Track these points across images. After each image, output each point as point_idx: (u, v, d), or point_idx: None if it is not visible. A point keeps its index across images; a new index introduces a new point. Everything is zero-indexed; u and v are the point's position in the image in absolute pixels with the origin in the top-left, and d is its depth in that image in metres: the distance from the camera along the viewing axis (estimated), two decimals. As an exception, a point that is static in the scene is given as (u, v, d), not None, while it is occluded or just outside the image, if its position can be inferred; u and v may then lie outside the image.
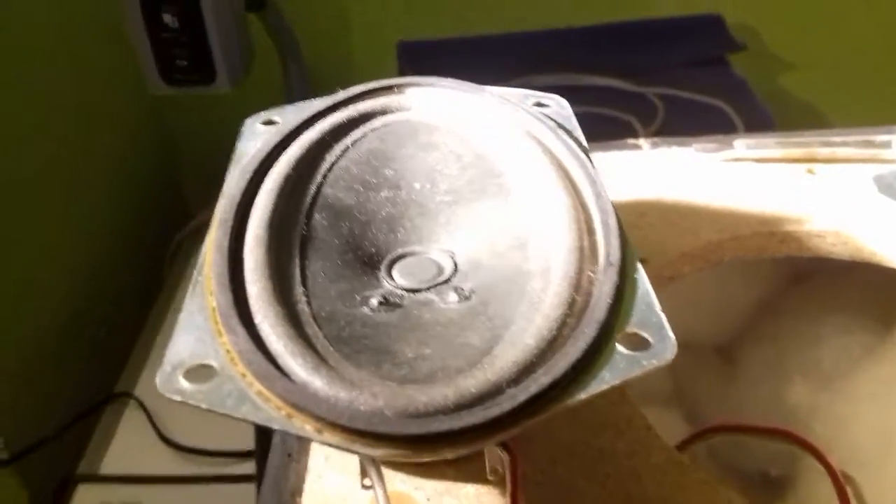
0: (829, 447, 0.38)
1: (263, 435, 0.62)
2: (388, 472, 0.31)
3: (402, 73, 1.06)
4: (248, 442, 0.75)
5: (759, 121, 0.98)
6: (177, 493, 0.76)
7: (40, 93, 0.88)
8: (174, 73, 0.77)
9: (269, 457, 0.32)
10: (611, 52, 1.13)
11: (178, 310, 0.84)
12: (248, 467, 0.77)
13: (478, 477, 0.30)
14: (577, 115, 0.37)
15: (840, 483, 0.33)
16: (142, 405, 0.83)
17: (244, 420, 0.21)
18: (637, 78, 1.07)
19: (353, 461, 0.32)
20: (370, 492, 0.30)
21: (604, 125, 0.99)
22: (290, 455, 0.32)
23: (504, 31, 1.14)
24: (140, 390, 0.86)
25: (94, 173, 1.01)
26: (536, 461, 0.32)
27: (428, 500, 0.30)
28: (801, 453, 0.39)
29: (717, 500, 0.30)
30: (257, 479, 0.74)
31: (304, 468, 0.32)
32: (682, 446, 0.37)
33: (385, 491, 0.26)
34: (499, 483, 0.30)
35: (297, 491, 0.31)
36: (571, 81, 1.08)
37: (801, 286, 0.51)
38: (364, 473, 0.29)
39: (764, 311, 0.51)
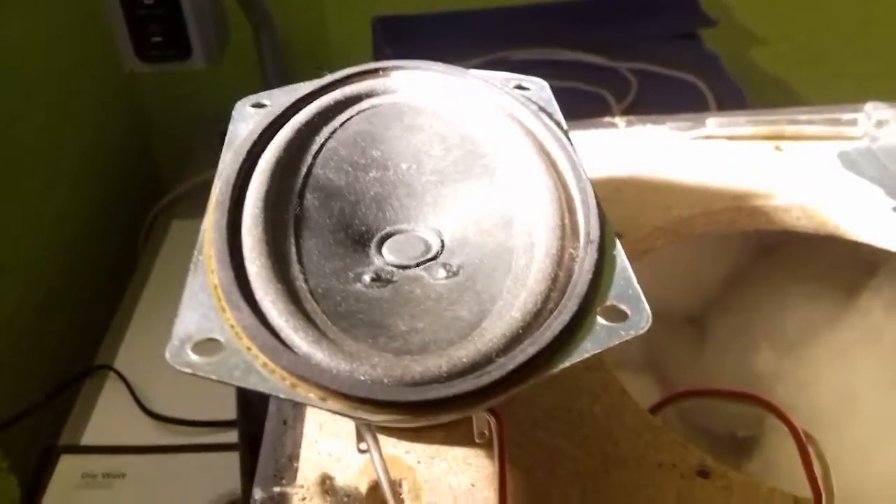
0: (791, 409, 0.40)
1: (245, 404, 0.64)
2: (380, 437, 0.33)
3: (378, 48, 1.07)
4: (229, 411, 0.76)
5: (730, 95, 0.99)
6: (159, 462, 0.76)
7: (13, 71, 0.87)
8: (149, 49, 0.76)
9: (265, 425, 0.34)
10: (586, 27, 1.14)
11: (154, 283, 0.84)
12: (230, 436, 0.77)
13: (466, 440, 0.32)
14: (552, 88, 0.38)
15: (802, 442, 0.36)
16: (122, 377, 0.84)
17: (253, 389, 0.23)
18: (611, 53, 1.08)
19: (346, 427, 0.33)
20: (364, 455, 0.32)
21: (579, 99, 1.00)
22: (285, 422, 0.34)
23: (480, 7, 1.15)
24: (120, 362, 0.86)
25: (68, 149, 1.00)
26: (519, 424, 0.34)
27: (419, 462, 0.32)
28: (767, 415, 0.41)
29: (688, 459, 0.33)
30: (240, 447, 0.75)
31: (300, 434, 0.33)
32: (655, 409, 0.39)
33: (381, 453, 0.28)
34: (485, 446, 0.32)
35: (294, 456, 0.32)
36: (547, 56, 1.09)
37: (768, 258, 0.54)
38: (360, 438, 0.30)
39: (733, 282, 0.54)
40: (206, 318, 0.25)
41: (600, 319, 0.26)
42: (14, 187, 0.87)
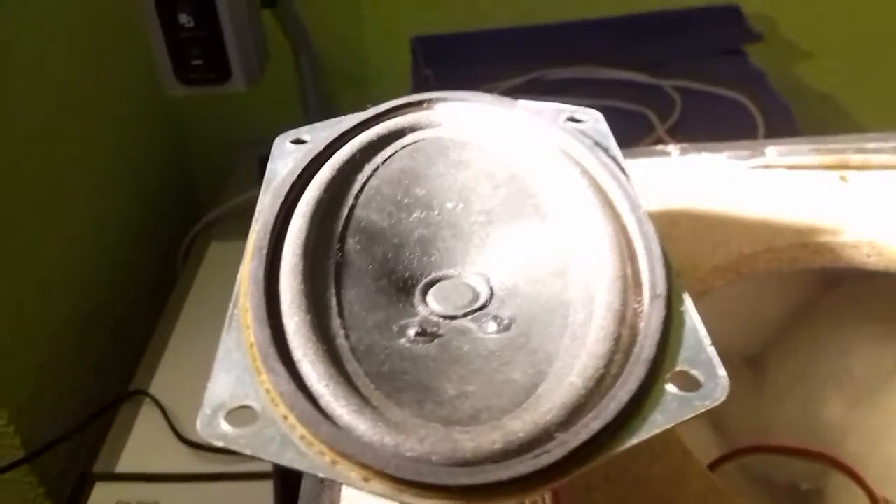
0: (863, 464, 0.37)
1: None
2: (424, 500, 0.30)
3: (417, 68, 1.06)
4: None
5: (777, 112, 0.96)
6: (193, 490, 0.75)
7: (57, 93, 0.87)
8: (189, 72, 0.76)
9: (301, 482, 0.32)
10: (627, 44, 1.12)
11: (192, 306, 0.83)
12: (264, 465, 0.76)
13: (516, 507, 0.30)
14: (592, 107, 0.36)
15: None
16: (157, 402, 0.83)
17: (290, 467, 0.21)
18: (653, 70, 1.06)
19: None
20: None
21: (620, 119, 0.97)
22: (322, 481, 0.32)
23: (519, 25, 1.13)
24: (155, 388, 0.86)
25: (108, 171, 1.01)
26: (572, 488, 0.32)
27: (465, 529, 0.30)
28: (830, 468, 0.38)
29: (760, 531, 0.30)
30: (273, 477, 0.74)
31: (338, 496, 0.31)
32: (714, 466, 0.37)
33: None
34: (538, 514, 0.30)
35: (332, 520, 0.30)
36: (587, 74, 1.07)
37: (830, 295, 0.50)
38: (402, 507, 0.28)
39: (793, 321, 0.50)
40: (240, 381, 0.23)
41: (670, 388, 0.23)
42: (54, 202, 0.87)
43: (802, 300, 0.51)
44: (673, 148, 0.52)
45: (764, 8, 1.14)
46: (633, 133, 0.93)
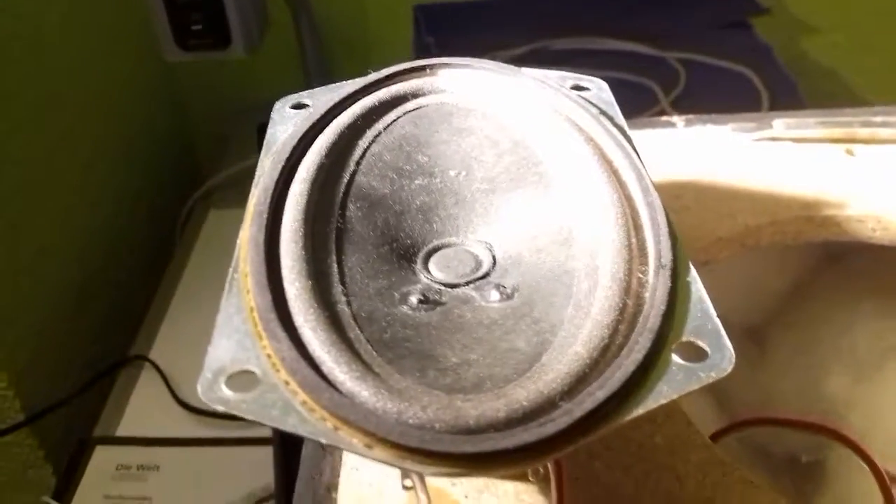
0: (866, 439, 0.37)
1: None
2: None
3: (419, 37, 1.04)
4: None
5: (782, 86, 0.95)
6: (193, 455, 0.75)
7: (55, 60, 0.86)
8: (189, 38, 0.75)
9: (301, 448, 0.32)
10: (631, 15, 1.10)
11: (191, 273, 0.83)
12: (265, 430, 0.76)
13: (518, 475, 0.30)
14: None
15: (886, 485, 0.33)
16: (157, 367, 0.83)
17: (293, 433, 0.21)
18: (658, 42, 1.04)
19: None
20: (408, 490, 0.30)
21: (624, 90, 0.96)
22: (324, 448, 0.32)
23: (523, -6, 1.12)
24: (155, 353, 0.86)
25: (107, 138, 1.00)
26: (575, 454, 0.31)
27: (466, 496, 0.30)
28: (833, 441, 0.38)
29: (762, 502, 0.30)
30: (274, 442, 0.74)
31: (339, 461, 0.31)
32: (716, 437, 0.37)
33: (428, 496, 0.26)
34: (541, 482, 0.30)
35: (333, 486, 0.30)
36: (591, 45, 1.05)
37: (834, 268, 0.50)
38: (405, 474, 0.28)
39: (795, 293, 0.50)
40: (241, 346, 0.23)
41: (676, 358, 0.23)
42: (52, 169, 0.87)
43: (805, 274, 0.50)
44: (678, 119, 0.51)
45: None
46: (636, 105, 0.92)
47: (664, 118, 0.51)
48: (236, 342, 0.23)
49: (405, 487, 0.29)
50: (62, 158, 0.88)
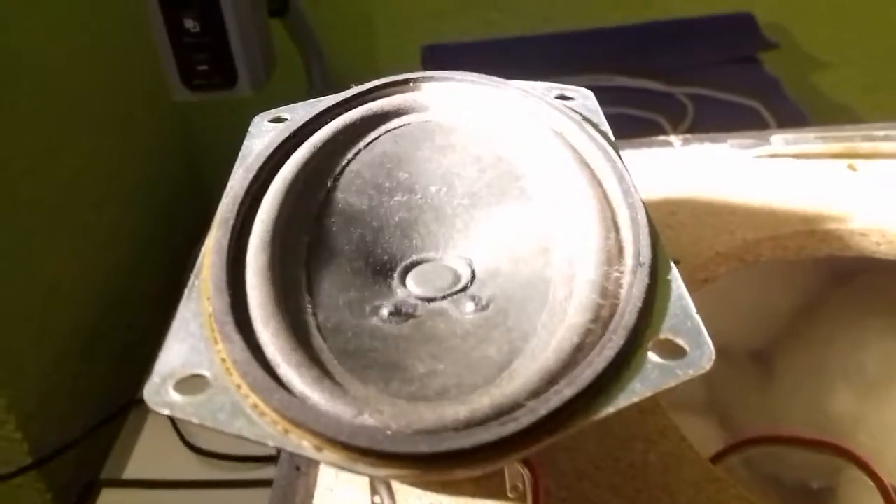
0: (875, 459, 0.35)
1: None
2: (402, 488, 0.29)
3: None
4: (271, 447, 0.74)
5: (793, 121, 0.94)
6: (200, 497, 0.75)
7: (67, 101, 0.87)
8: (195, 77, 0.76)
9: (276, 469, 0.31)
10: (640, 52, 1.11)
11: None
12: (272, 472, 0.75)
13: (497, 493, 0.28)
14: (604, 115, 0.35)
15: (892, 499, 0.31)
16: (165, 411, 0.83)
17: (238, 436, 0.20)
18: (666, 78, 1.04)
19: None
20: (382, 510, 0.28)
21: (632, 126, 0.96)
22: (298, 468, 0.30)
23: (530, 34, 1.12)
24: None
25: (118, 179, 1.01)
26: (561, 475, 0.30)
27: (442, 516, 0.28)
28: (844, 464, 0.36)
29: (758, 520, 0.28)
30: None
31: (314, 482, 0.30)
32: (718, 458, 0.35)
33: (396, 511, 0.24)
34: (519, 499, 0.28)
35: (307, 507, 0.29)
36: (599, 82, 1.05)
37: (842, 288, 0.48)
38: (374, 490, 0.27)
39: (802, 314, 0.48)
40: (194, 350, 0.22)
41: (652, 356, 0.22)
42: (64, 210, 0.87)
43: (812, 293, 0.49)
44: (675, 138, 0.50)
45: (778, 17, 1.12)
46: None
47: (661, 137, 0.50)
48: (189, 346, 0.22)
49: (375, 504, 0.28)
50: (73, 200, 0.89)
